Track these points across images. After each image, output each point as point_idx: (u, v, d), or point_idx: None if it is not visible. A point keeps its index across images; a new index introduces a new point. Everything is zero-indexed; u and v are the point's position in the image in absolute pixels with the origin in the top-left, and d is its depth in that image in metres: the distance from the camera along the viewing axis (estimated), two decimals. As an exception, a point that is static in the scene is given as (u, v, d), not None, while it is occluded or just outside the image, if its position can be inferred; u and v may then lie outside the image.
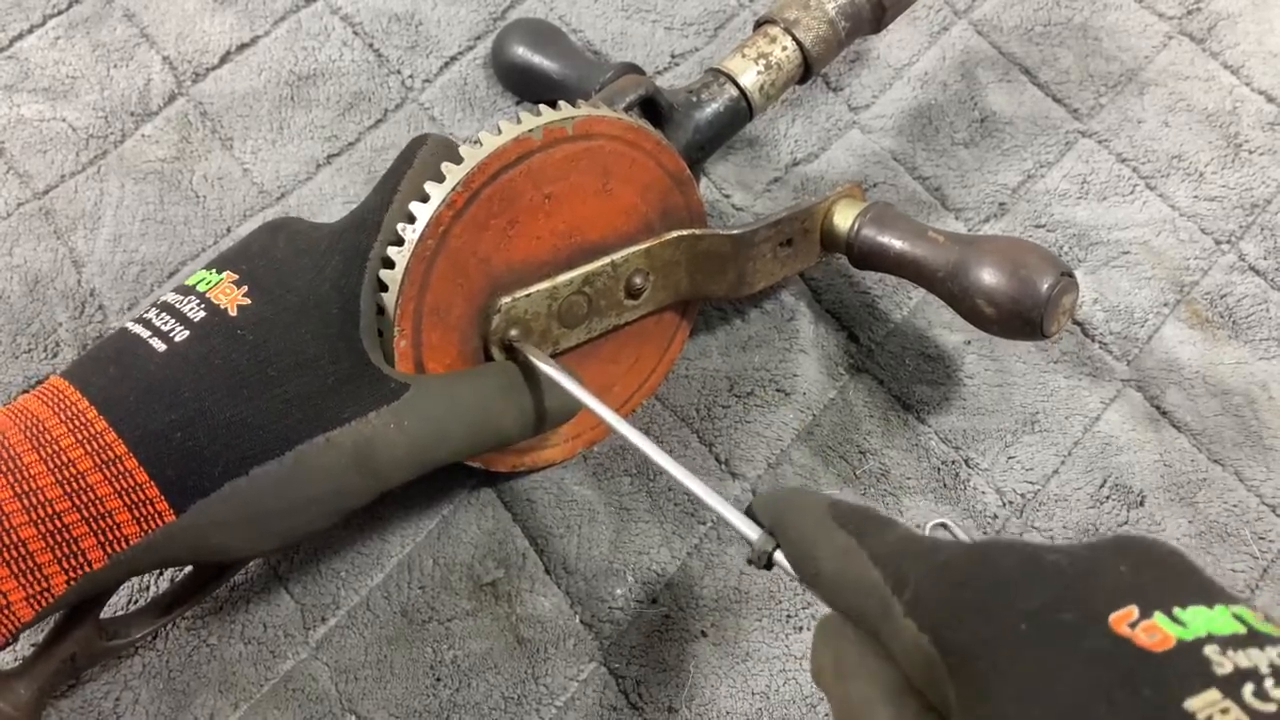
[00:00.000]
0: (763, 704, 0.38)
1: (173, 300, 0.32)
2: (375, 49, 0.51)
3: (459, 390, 0.33)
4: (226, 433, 0.29)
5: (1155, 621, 0.19)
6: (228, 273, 0.32)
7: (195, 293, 0.32)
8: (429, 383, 0.32)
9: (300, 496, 0.30)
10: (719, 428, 0.43)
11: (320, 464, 0.29)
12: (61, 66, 0.50)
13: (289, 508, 0.30)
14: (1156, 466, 0.42)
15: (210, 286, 0.32)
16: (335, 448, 0.30)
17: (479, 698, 0.37)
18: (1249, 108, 0.49)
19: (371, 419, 0.30)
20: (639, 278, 0.38)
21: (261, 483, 0.29)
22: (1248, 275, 0.46)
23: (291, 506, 0.30)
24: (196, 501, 0.28)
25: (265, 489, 0.29)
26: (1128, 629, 0.19)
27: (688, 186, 0.39)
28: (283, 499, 0.29)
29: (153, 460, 0.28)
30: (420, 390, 0.31)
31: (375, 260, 0.33)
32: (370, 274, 0.32)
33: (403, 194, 0.33)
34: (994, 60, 0.51)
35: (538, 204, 0.35)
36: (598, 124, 0.35)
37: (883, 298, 0.45)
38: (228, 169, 0.48)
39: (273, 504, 0.29)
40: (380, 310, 0.33)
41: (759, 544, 0.27)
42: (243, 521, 0.29)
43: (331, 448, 0.30)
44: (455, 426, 0.32)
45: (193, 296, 0.32)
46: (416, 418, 0.31)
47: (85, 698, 0.37)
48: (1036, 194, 0.48)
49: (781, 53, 0.43)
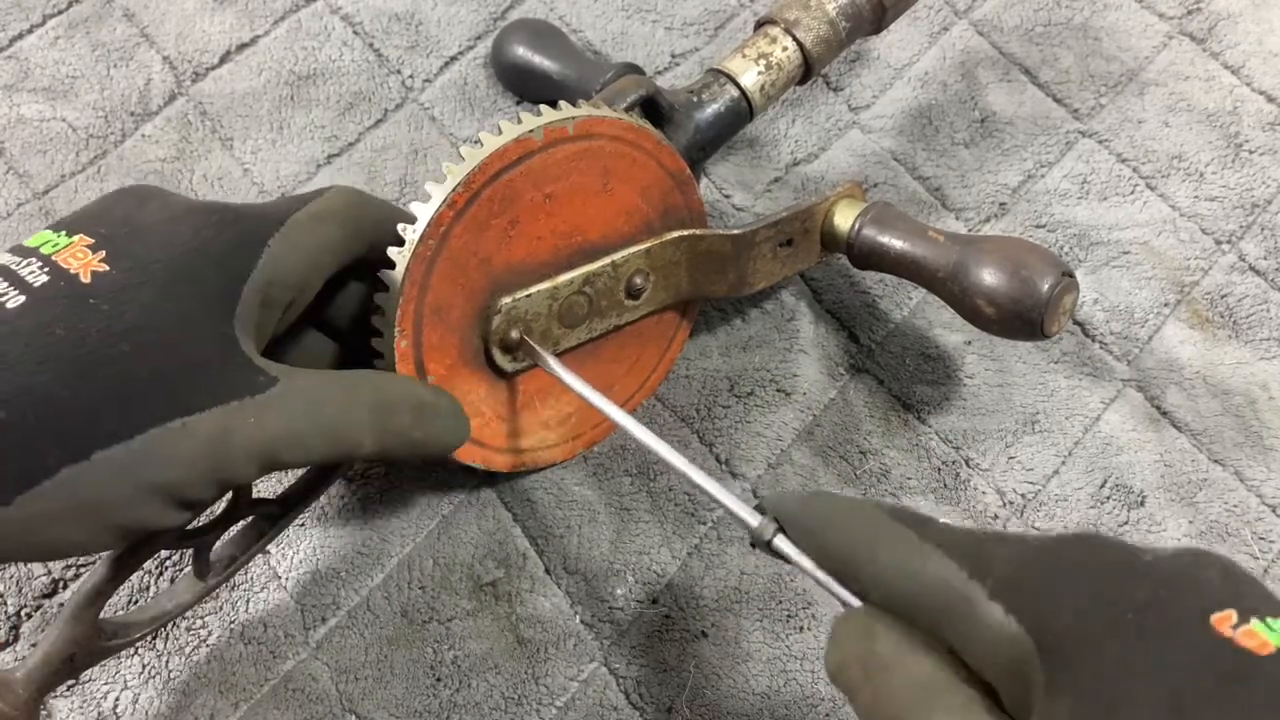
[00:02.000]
0: (763, 704, 0.38)
1: (7, 262, 0.28)
2: (375, 49, 0.51)
3: (327, 396, 0.30)
4: (65, 413, 0.26)
5: (1253, 627, 0.20)
6: (80, 235, 0.29)
7: (38, 254, 0.28)
8: (297, 382, 0.30)
9: (145, 484, 0.27)
10: (719, 428, 0.43)
11: (173, 451, 0.27)
12: (61, 66, 0.50)
13: (132, 497, 0.27)
14: (1157, 466, 0.42)
15: (57, 249, 0.28)
16: (191, 435, 0.27)
17: (479, 698, 0.37)
18: (1249, 108, 0.49)
19: (233, 408, 0.28)
20: (639, 278, 0.38)
21: (104, 468, 0.26)
22: (1248, 275, 0.46)
23: (135, 496, 0.27)
24: (25, 491, 0.25)
25: (108, 475, 0.26)
26: (1230, 630, 0.20)
27: (688, 186, 0.39)
28: (127, 487, 0.26)
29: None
30: (287, 388, 0.29)
31: (278, 249, 0.31)
32: (268, 263, 0.30)
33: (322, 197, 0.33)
34: (994, 60, 0.51)
35: (538, 204, 0.35)
36: (598, 124, 0.35)
37: (883, 298, 0.45)
38: (228, 169, 0.48)
39: (115, 492, 0.26)
40: (266, 302, 0.31)
41: (758, 529, 0.28)
42: (81, 511, 0.26)
43: (187, 434, 0.27)
44: (313, 434, 0.29)
45: (34, 259, 0.28)
46: (277, 416, 0.28)
47: (85, 697, 0.37)
48: (1037, 194, 0.48)
49: (782, 53, 0.43)
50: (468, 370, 0.36)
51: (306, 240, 0.32)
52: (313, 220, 0.33)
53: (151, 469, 0.27)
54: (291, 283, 0.32)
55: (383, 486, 0.41)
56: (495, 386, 0.38)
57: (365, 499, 0.41)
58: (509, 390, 0.38)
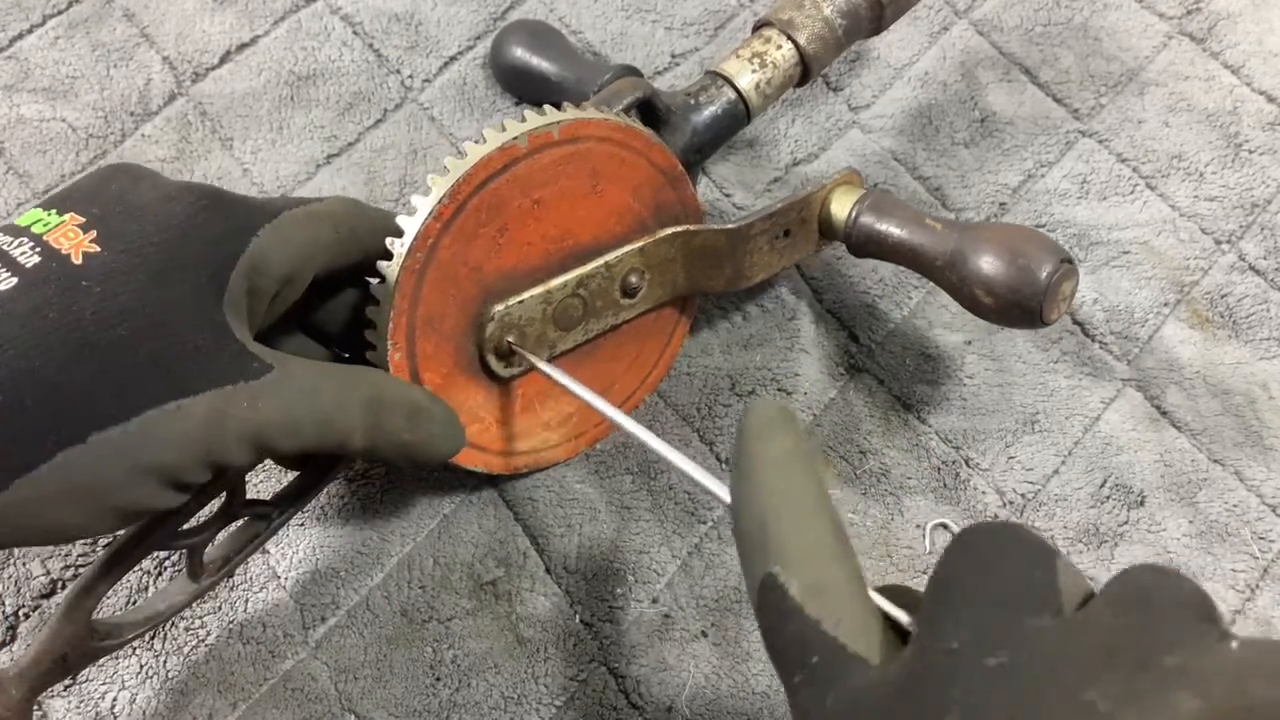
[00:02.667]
0: (763, 704, 0.37)
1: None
2: (375, 49, 0.51)
3: (322, 386, 0.30)
4: (61, 396, 0.26)
5: None
6: (71, 214, 0.29)
7: (29, 234, 0.28)
8: (294, 370, 0.30)
9: (141, 466, 0.27)
10: (720, 426, 0.42)
11: (169, 433, 0.27)
12: (61, 66, 0.50)
13: (128, 478, 0.27)
14: (1157, 466, 0.42)
15: (48, 229, 0.28)
16: (186, 417, 0.27)
17: (479, 697, 0.37)
18: (1249, 108, 0.49)
19: (228, 391, 0.28)
20: (634, 276, 0.38)
21: (101, 450, 0.26)
22: (1248, 275, 0.46)
23: (131, 477, 0.27)
24: (22, 475, 0.25)
25: (105, 457, 0.26)
26: None
27: (680, 182, 0.39)
28: (123, 468, 0.26)
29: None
30: (282, 375, 0.29)
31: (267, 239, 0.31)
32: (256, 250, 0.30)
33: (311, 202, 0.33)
34: (994, 60, 0.51)
35: (527, 210, 0.35)
36: (584, 126, 0.35)
37: (883, 297, 0.45)
38: (227, 169, 0.48)
39: (112, 474, 0.26)
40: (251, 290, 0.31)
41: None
42: (78, 494, 0.26)
43: (182, 416, 0.27)
44: (307, 424, 0.30)
45: (25, 238, 0.28)
46: (272, 402, 0.29)
47: (82, 697, 0.37)
48: (1037, 194, 0.48)
49: (778, 53, 0.43)
50: (464, 378, 0.36)
51: (297, 235, 0.32)
52: (307, 217, 0.33)
53: (147, 450, 0.27)
54: (277, 274, 0.31)
55: (383, 486, 0.41)
56: (493, 392, 0.38)
57: (365, 499, 0.41)
58: (508, 395, 0.38)
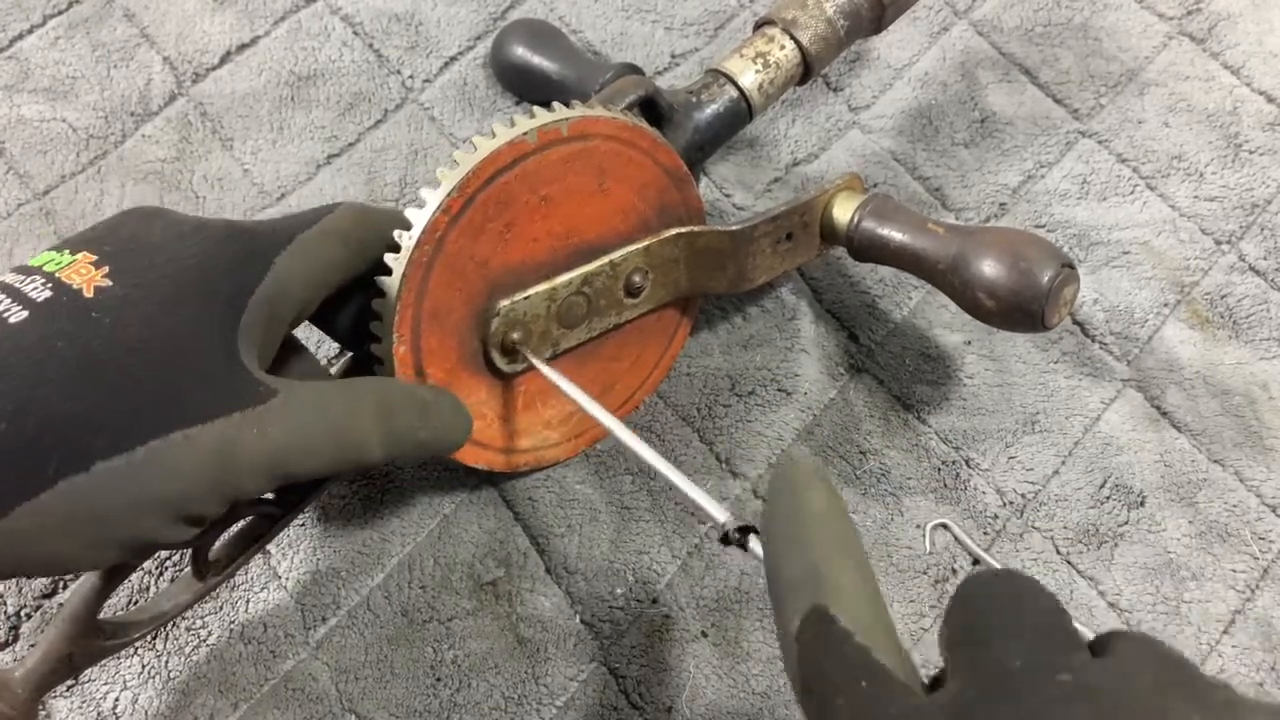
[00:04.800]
0: (763, 704, 0.37)
1: (11, 280, 0.28)
2: (375, 49, 0.51)
3: (330, 404, 0.30)
4: (66, 424, 0.25)
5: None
6: (84, 253, 0.29)
7: (41, 273, 0.28)
8: (299, 392, 0.30)
9: (147, 497, 0.26)
10: (720, 426, 0.43)
11: (174, 463, 0.27)
12: (61, 66, 0.50)
13: (133, 509, 0.26)
14: (1157, 466, 0.42)
15: (60, 267, 0.28)
16: (194, 446, 0.27)
17: (479, 698, 0.37)
18: (1249, 108, 0.49)
19: (235, 419, 0.28)
20: (638, 276, 0.38)
21: (104, 479, 0.25)
22: (1248, 275, 0.46)
23: (135, 508, 0.26)
24: (22, 503, 0.25)
25: (109, 486, 0.26)
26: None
27: (685, 183, 0.39)
28: (127, 498, 0.26)
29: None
30: (289, 398, 0.29)
31: (284, 266, 0.31)
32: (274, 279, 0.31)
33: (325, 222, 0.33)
34: (994, 60, 0.51)
35: (534, 206, 0.35)
36: (593, 124, 0.35)
37: (883, 298, 0.45)
38: (228, 169, 0.48)
39: (115, 504, 0.26)
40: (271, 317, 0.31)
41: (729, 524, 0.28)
42: (79, 524, 0.26)
43: (189, 446, 0.27)
44: (322, 442, 0.30)
45: (37, 276, 0.28)
46: (282, 427, 0.28)
47: (84, 697, 0.37)
48: (1037, 194, 0.48)
49: (780, 52, 0.43)
50: (467, 373, 0.36)
51: (313, 258, 0.32)
52: (320, 237, 0.33)
53: (153, 481, 0.26)
54: (298, 298, 0.32)
55: (383, 486, 0.41)
56: (496, 388, 0.38)
57: (365, 499, 0.41)
58: (510, 392, 0.38)
